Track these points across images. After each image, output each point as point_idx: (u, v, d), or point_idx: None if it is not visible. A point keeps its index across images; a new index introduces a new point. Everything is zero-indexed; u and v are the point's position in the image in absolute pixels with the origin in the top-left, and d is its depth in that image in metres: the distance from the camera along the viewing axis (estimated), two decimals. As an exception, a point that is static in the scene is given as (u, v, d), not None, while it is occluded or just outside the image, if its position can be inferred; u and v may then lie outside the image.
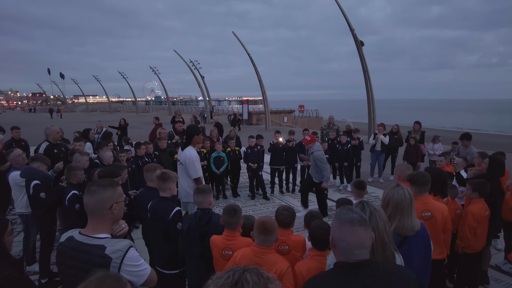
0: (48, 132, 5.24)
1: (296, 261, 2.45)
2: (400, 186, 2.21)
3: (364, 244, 1.40)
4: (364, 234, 1.39)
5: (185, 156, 4.21)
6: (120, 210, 1.77)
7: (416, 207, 2.58)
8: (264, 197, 7.45)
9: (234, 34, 23.63)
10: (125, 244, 1.66)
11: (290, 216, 2.65)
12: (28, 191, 3.83)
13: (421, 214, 2.74)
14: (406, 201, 2.15)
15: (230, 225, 2.54)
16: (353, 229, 1.39)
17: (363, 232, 1.39)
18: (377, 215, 1.80)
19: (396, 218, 2.15)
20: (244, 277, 0.96)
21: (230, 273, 0.98)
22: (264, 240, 2.18)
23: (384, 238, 1.77)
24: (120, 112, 56.83)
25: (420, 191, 2.80)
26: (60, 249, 1.70)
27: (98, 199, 1.68)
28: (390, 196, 2.19)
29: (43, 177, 3.82)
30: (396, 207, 2.15)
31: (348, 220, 1.41)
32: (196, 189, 2.82)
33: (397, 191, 2.18)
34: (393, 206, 2.16)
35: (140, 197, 3.51)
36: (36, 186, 3.76)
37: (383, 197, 2.25)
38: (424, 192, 2.82)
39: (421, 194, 2.81)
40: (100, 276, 1.20)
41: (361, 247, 1.39)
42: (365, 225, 1.41)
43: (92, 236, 1.67)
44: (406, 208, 2.15)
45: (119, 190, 1.78)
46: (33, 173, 3.81)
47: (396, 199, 2.16)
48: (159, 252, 3.08)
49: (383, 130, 8.93)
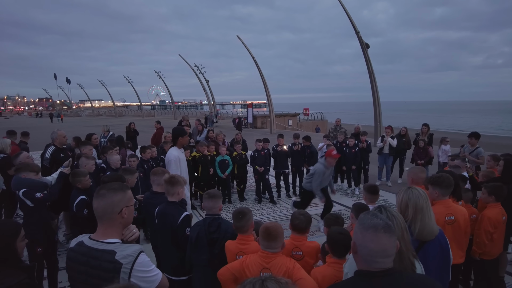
0: (54, 136, 5.22)
1: (310, 267, 2.37)
2: (412, 188, 2.15)
3: (387, 252, 1.32)
4: (388, 242, 1.32)
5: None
6: (130, 214, 1.71)
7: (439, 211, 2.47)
8: (271, 201, 7.36)
9: (238, 38, 23.66)
10: (136, 249, 1.60)
11: (306, 221, 2.58)
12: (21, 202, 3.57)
13: (445, 218, 2.65)
14: (424, 200, 2.10)
15: (240, 229, 2.49)
16: (377, 236, 1.31)
17: (387, 239, 1.32)
18: (395, 222, 1.73)
19: (418, 219, 2.08)
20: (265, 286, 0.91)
21: (250, 285, 0.92)
22: (269, 246, 2.12)
23: (401, 246, 1.70)
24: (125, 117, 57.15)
25: (443, 194, 2.72)
26: (70, 254, 1.65)
27: (108, 203, 1.63)
28: (407, 198, 2.12)
29: (31, 184, 3.63)
30: (415, 208, 2.08)
31: (372, 226, 1.34)
32: (206, 194, 2.75)
33: (412, 192, 2.13)
34: (413, 208, 2.09)
35: (146, 202, 3.45)
36: (25, 193, 3.52)
37: (399, 202, 2.17)
38: (446, 195, 2.74)
39: (444, 197, 2.72)
40: None
41: (384, 255, 1.31)
42: (390, 232, 1.33)
43: (102, 241, 1.62)
44: (425, 207, 2.08)
45: (129, 193, 1.73)
46: (20, 183, 3.62)
47: (413, 199, 2.10)
48: (167, 258, 3.01)
49: (391, 133, 8.82)
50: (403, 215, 2.15)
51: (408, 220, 2.10)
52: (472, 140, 6.76)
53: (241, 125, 24.85)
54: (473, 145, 6.77)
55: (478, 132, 6.91)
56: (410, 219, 2.09)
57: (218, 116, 30.65)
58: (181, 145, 4.42)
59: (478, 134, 6.82)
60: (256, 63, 23.65)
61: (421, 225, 2.06)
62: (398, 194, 2.23)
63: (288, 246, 2.41)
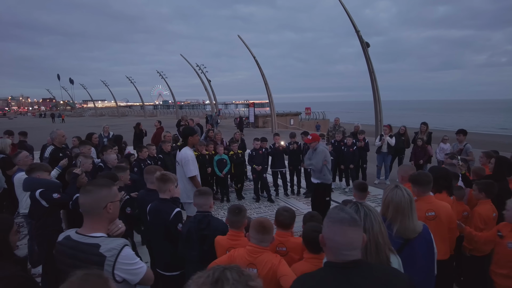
0: (54, 135, 5.29)
1: (294, 263, 2.42)
2: (398, 187, 2.18)
3: (353, 244, 1.37)
4: (353, 235, 1.37)
5: (181, 156, 4.40)
6: (115, 209, 1.78)
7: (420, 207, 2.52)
8: (269, 199, 7.42)
9: (239, 38, 23.72)
10: (120, 242, 1.67)
11: (290, 217, 2.62)
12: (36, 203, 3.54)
13: (425, 214, 2.69)
14: (406, 202, 2.12)
15: (235, 224, 2.54)
16: (343, 229, 1.37)
17: (352, 232, 1.37)
18: (372, 216, 1.78)
19: (398, 220, 2.11)
20: (224, 275, 0.95)
21: (211, 272, 0.97)
22: (262, 240, 2.17)
23: (379, 239, 1.74)
24: (128, 117, 57.43)
25: (423, 191, 2.76)
26: (58, 248, 1.73)
27: (94, 199, 1.70)
28: (390, 199, 2.16)
29: (47, 184, 3.67)
30: (397, 209, 2.11)
31: (338, 220, 1.39)
32: (197, 191, 2.82)
33: (396, 193, 2.15)
34: (394, 208, 2.12)
35: (140, 199, 3.52)
36: (42, 193, 3.52)
37: (383, 200, 2.22)
38: (426, 192, 2.78)
39: (424, 194, 2.77)
40: (80, 276, 1.20)
41: (350, 248, 1.36)
42: (355, 226, 1.38)
43: (87, 235, 1.69)
44: (406, 209, 2.11)
45: (114, 189, 1.80)
46: (36, 183, 3.64)
47: (395, 200, 2.13)
48: (160, 253, 3.08)
49: (389, 132, 8.85)
50: (383, 213, 2.20)
51: (388, 218, 2.14)
52: (460, 136, 7.11)
53: (242, 125, 24.90)
54: (461, 141, 7.11)
55: (465, 129, 7.27)
56: (390, 219, 2.13)
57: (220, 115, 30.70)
58: (192, 144, 4.60)
59: (465, 131, 7.19)
60: (257, 63, 23.69)
61: (401, 226, 2.10)
62: (384, 190, 2.27)
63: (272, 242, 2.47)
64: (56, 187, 3.71)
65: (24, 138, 7.30)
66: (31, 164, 4.04)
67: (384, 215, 2.18)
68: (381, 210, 2.23)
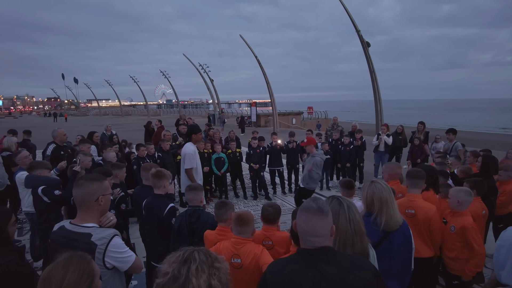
0: (55, 134, 5.46)
1: (279, 256, 2.54)
2: (375, 182, 2.30)
3: (316, 232, 1.48)
4: (317, 223, 1.48)
5: (183, 150, 4.81)
6: (106, 202, 1.92)
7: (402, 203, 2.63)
8: (267, 197, 7.55)
9: (241, 38, 23.82)
10: (110, 232, 1.81)
11: (274, 212, 2.74)
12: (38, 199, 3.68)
13: (405, 211, 2.81)
14: (387, 192, 2.24)
15: (219, 217, 2.64)
16: (308, 217, 1.49)
17: (316, 220, 1.48)
18: (353, 208, 1.90)
19: (384, 211, 2.22)
20: (192, 256, 1.08)
21: (181, 252, 1.09)
22: (241, 231, 2.30)
23: (361, 227, 1.86)
24: (132, 116, 57.80)
25: (411, 185, 2.89)
26: (52, 237, 1.87)
27: (86, 192, 1.84)
28: (371, 193, 2.27)
29: (48, 181, 3.82)
30: (381, 200, 2.23)
31: (305, 208, 1.52)
32: (188, 186, 2.96)
33: (375, 186, 2.28)
34: (378, 200, 2.23)
35: (136, 195, 3.67)
36: (44, 190, 3.66)
37: (364, 196, 2.33)
38: (414, 187, 2.90)
39: (412, 189, 2.89)
40: (66, 256, 1.32)
41: (313, 235, 1.48)
42: (320, 215, 1.49)
43: (80, 225, 1.83)
44: (389, 199, 2.23)
45: (105, 184, 1.93)
46: (37, 180, 3.79)
47: (377, 193, 2.25)
48: (154, 247, 3.22)
49: (387, 131, 8.93)
50: (369, 209, 2.32)
51: (374, 212, 2.26)
52: (450, 135, 7.35)
53: (244, 124, 25.02)
54: (451, 140, 7.32)
55: (455, 128, 7.57)
56: (376, 211, 2.25)
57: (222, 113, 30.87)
58: (196, 141, 4.98)
59: (455, 130, 7.47)
60: (258, 62, 23.79)
61: (387, 216, 2.21)
62: (362, 189, 2.39)
63: (259, 236, 2.60)
64: (56, 184, 3.88)
65: (28, 136, 7.50)
66: (32, 162, 4.18)
67: (369, 211, 2.30)
68: (365, 208, 2.35)
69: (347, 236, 1.84)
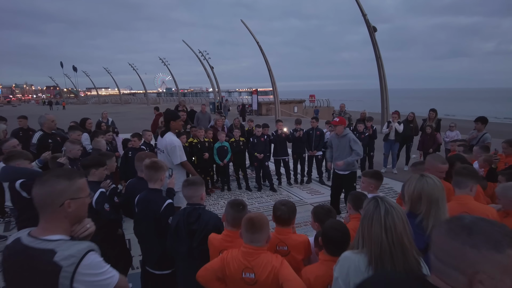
0: (42, 120, 4.99)
1: (297, 264, 2.11)
2: (426, 176, 1.86)
3: None
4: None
5: (166, 142, 3.92)
6: (79, 209, 1.43)
7: (452, 207, 2.17)
8: (271, 188, 7.13)
9: (243, 23, 23.13)
10: (82, 247, 1.33)
11: (289, 211, 2.28)
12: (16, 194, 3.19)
13: None
14: (440, 191, 1.81)
15: (236, 221, 2.16)
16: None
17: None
18: (394, 214, 1.48)
19: (432, 213, 1.79)
20: None
21: None
22: (253, 239, 1.85)
23: (404, 240, 1.45)
24: (131, 104, 57.26)
25: (459, 185, 2.38)
26: (4, 253, 1.38)
27: (47, 192, 1.36)
28: (420, 189, 1.83)
29: (28, 174, 3.27)
30: (430, 200, 1.80)
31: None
32: (185, 181, 2.50)
33: (426, 181, 1.84)
34: (427, 200, 1.81)
35: (131, 188, 3.22)
36: (23, 184, 3.16)
37: (410, 192, 1.88)
38: (464, 188, 2.39)
39: (460, 190, 2.39)
40: None
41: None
42: None
43: (41, 238, 1.34)
44: (440, 200, 1.80)
45: (77, 184, 1.44)
46: (14, 173, 3.28)
47: (427, 190, 1.81)
48: (149, 250, 2.80)
49: (398, 118, 8.47)
50: (414, 208, 1.88)
51: (420, 213, 1.82)
52: (479, 125, 6.38)
53: (245, 112, 24.54)
54: (479, 130, 6.39)
55: (486, 117, 6.51)
56: (423, 213, 1.81)
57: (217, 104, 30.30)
58: (174, 129, 4.11)
59: (485, 119, 6.43)
60: (261, 49, 23.16)
61: (436, 220, 1.78)
62: (408, 182, 1.93)
63: (272, 240, 2.12)
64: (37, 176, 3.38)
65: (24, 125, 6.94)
66: (10, 151, 3.64)
67: (412, 211, 1.86)
68: (407, 206, 1.91)
69: (382, 248, 1.45)
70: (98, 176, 3.18)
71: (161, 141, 4.06)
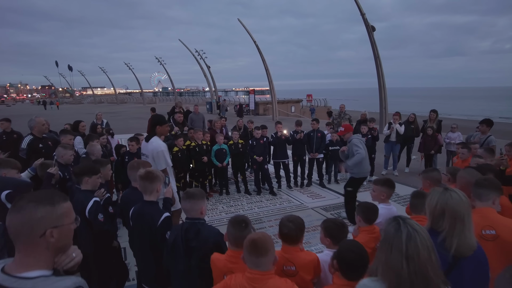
0: (32, 124, 4.76)
1: (306, 285, 1.94)
2: (451, 189, 1.68)
3: None
4: None
5: (152, 147, 3.73)
6: (63, 237, 1.22)
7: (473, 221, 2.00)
8: (271, 192, 6.94)
9: (240, 22, 22.92)
10: (67, 286, 1.14)
11: (297, 228, 2.09)
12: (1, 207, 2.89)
13: (481, 232, 2.10)
14: (466, 207, 1.63)
15: (238, 241, 1.95)
16: None
17: None
18: (418, 239, 1.30)
19: (456, 232, 1.62)
20: None
21: None
22: (258, 263, 1.66)
23: (428, 271, 1.28)
24: (127, 104, 56.80)
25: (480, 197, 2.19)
26: None
27: (25, 221, 1.15)
28: (443, 204, 1.65)
29: (15, 185, 3.02)
30: (455, 216, 1.62)
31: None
32: (185, 193, 2.30)
33: (451, 195, 1.66)
34: (451, 216, 1.63)
35: (125, 199, 3.02)
36: (9, 196, 2.90)
37: (432, 206, 1.71)
38: (486, 200, 2.19)
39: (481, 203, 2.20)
40: None
41: None
42: None
43: (17, 275, 1.13)
44: (467, 216, 1.63)
45: (61, 208, 1.22)
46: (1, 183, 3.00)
47: (452, 205, 1.64)
48: (145, 265, 2.61)
49: (399, 119, 8.32)
50: (435, 225, 1.70)
51: (443, 231, 1.65)
52: (484, 127, 6.26)
53: (242, 112, 24.35)
54: (484, 132, 6.27)
55: (491, 119, 6.42)
56: (446, 231, 1.64)
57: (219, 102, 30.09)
58: (161, 134, 3.91)
59: (490, 121, 6.33)
60: (258, 48, 22.96)
61: (461, 238, 1.61)
62: (430, 195, 1.75)
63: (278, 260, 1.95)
64: (26, 187, 3.11)
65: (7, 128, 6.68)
66: None
67: (433, 228, 1.69)
68: (428, 222, 1.74)
69: (401, 279, 1.28)
70: (92, 184, 2.98)
71: (146, 146, 3.87)
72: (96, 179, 3.01)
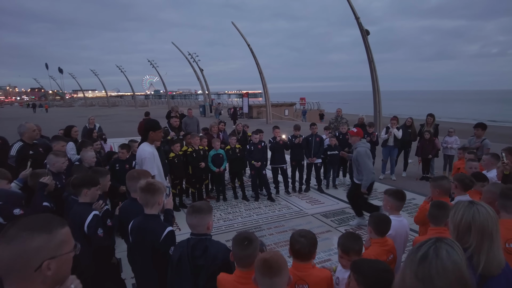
0: (22, 130, 4.55)
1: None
2: (477, 203, 1.57)
3: None
4: None
5: (138, 153, 3.61)
6: (61, 268, 1.08)
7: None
8: (269, 198, 6.81)
9: (233, 24, 22.83)
10: None
11: (309, 244, 1.97)
12: None
13: (505, 246, 1.99)
14: (493, 222, 1.51)
15: (244, 261, 1.84)
16: None
17: None
18: (449, 262, 1.13)
19: (485, 249, 1.50)
20: None
21: None
22: (272, 285, 1.53)
23: None
24: (119, 107, 56.23)
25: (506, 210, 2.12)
26: None
27: (17, 253, 0.99)
28: (470, 219, 1.53)
29: (5, 196, 2.82)
30: (483, 232, 1.50)
31: None
32: (191, 207, 2.15)
33: (478, 210, 1.53)
34: (479, 232, 1.50)
35: (124, 212, 2.85)
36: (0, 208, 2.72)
37: (457, 221, 1.58)
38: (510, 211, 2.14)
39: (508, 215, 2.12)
40: None
41: None
42: None
43: None
44: (495, 232, 1.50)
45: (59, 236, 1.07)
46: None
47: (479, 220, 1.51)
48: (146, 284, 2.45)
49: (397, 124, 8.28)
50: (461, 240, 1.58)
51: (470, 248, 1.53)
52: (479, 131, 6.48)
53: (236, 115, 24.22)
54: (479, 136, 6.46)
55: (485, 123, 6.61)
56: (473, 248, 1.53)
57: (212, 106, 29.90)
58: (153, 140, 3.72)
59: (484, 125, 6.53)
60: (251, 51, 22.88)
61: (489, 256, 1.49)
62: (455, 210, 1.64)
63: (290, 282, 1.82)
64: (17, 199, 2.92)
65: None
66: None
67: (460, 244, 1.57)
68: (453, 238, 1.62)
69: None
70: (91, 197, 2.81)
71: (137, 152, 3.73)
72: (96, 191, 2.85)
